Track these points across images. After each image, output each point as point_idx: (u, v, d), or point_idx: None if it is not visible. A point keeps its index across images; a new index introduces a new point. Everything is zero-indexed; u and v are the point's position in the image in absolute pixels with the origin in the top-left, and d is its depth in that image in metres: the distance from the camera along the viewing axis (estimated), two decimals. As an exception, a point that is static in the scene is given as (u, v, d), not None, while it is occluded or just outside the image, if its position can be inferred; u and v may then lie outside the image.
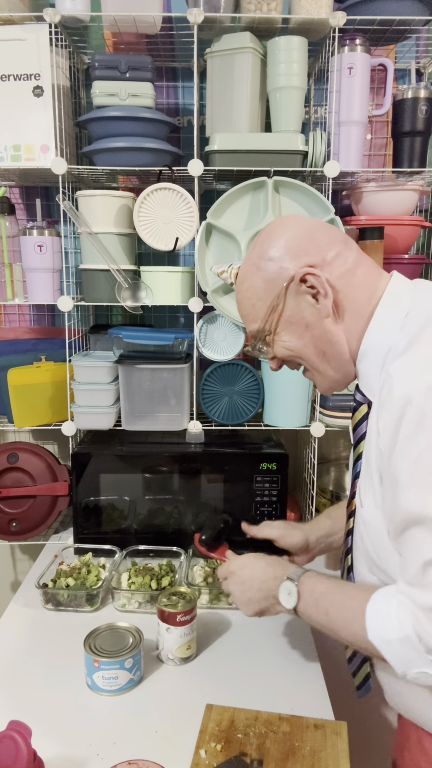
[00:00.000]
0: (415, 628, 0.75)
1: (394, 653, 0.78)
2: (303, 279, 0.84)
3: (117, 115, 1.38)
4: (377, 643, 0.79)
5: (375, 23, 1.39)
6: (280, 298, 0.86)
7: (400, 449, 0.74)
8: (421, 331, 0.78)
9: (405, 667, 0.78)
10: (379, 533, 0.83)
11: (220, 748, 0.89)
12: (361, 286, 0.85)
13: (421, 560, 0.74)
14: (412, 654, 0.76)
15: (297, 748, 0.90)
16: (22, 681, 1.07)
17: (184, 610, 1.10)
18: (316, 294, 0.84)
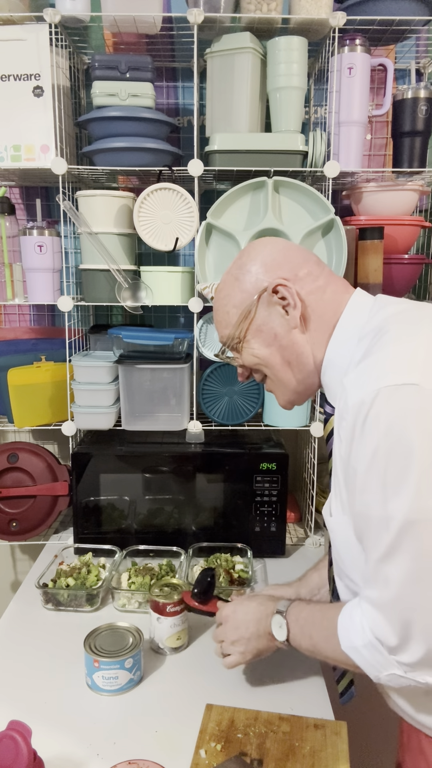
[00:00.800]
0: (373, 630, 0.78)
1: (363, 659, 0.81)
2: (275, 290, 0.89)
3: (117, 115, 1.39)
4: (349, 652, 0.82)
5: (375, 23, 1.39)
6: (253, 305, 0.91)
7: (354, 454, 0.77)
8: (373, 341, 0.82)
9: (376, 671, 0.80)
10: (345, 541, 0.85)
11: (220, 747, 0.90)
12: (329, 302, 0.90)
13: (374, 558, 0.76)
14: (378, 658, 0.79)
15: (297, 748, 0.90)
16: (22, 681, 1.07)
17: (175, 601, 1.11)
18: (286, 305, 0.89)
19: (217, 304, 0.96)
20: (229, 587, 1.27)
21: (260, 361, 0.93)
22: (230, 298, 0.93)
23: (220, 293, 0.95)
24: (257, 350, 0.93)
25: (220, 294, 0.95)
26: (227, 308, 0.94)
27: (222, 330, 0.96)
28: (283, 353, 0.91)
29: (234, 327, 0.93)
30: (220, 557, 1.38)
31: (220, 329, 0.96)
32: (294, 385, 0.93)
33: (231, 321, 0.93)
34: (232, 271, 0.94)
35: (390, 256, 1.47)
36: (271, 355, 0.92)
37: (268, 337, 0.91)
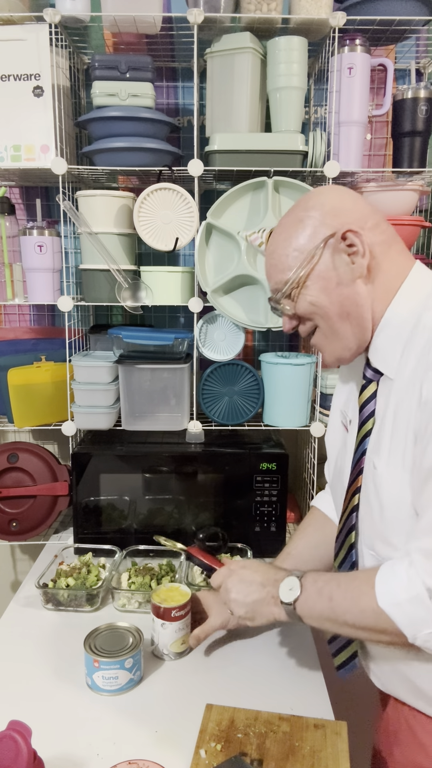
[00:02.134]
0: (425, 582, 0.76)
1: (404, 616, 0.78)
2: (344, 236, 0.86)
3: (117, 115, 1.38)
4: (387, 608, 0.79)
5: (375, 23, 1.39)
6: (318, 250, 0.87)
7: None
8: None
9: (414, 629, 0.78)
10: (397, 498, 0.85)
11: (220, 747, 0.89)
12: (395, 260, 0.89)
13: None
14: (422, 613, 0.77)
15: (297, 748, 0.90)
16: (22, 681, 1.06)
17: (179, 606, 1.10)
18: (353, 253, 0.86)
19: (275, 247, 0.91)
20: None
21: (317, 310, 0.89)
22: (292, 241, 0.89)
23: (279, 236, 0.91)
24: (316, 298, 0.88)
25: (280, 236, 0.91)
26: (287, 251, 0.89)
27: (278, 275, 0.91)
28: (342, 303, 0.87)
29: (293, 271, 0.88)
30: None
31: (276, 274, 0.91)
32: (348, 339, 0.90)
33: (290, 265, 0.89)
34: (296, 213, 0.90)
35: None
36: (331, 305, 0.88)
37: (330, 285, 0.87)
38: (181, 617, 1.10)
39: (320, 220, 0.88)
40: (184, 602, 1.11)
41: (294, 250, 0.89)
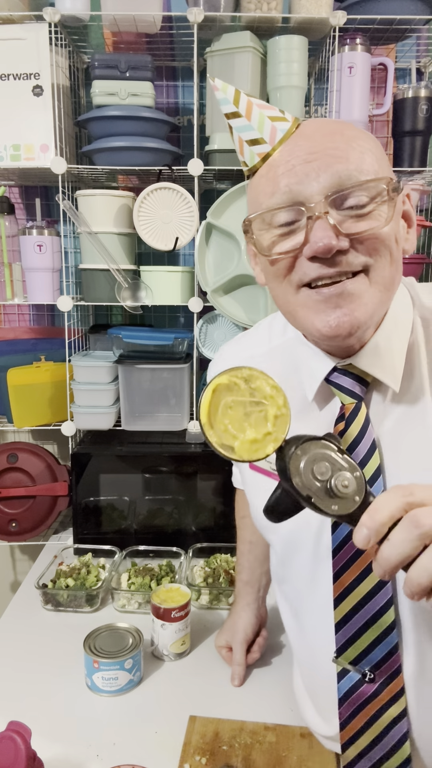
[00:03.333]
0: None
1: None
2: (407, 195, 0.72)
3: (117, 115, 1.38)
4: None
5: (375, 22, 1.39)
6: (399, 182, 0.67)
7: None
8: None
9: None
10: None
11: (205, 761, 0.87)
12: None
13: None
14: None
15: (284, 758, 0.88)
16: (22, 681, 1.06)
17: (179, 606, 1.10)
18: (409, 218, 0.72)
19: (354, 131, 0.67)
20: (229, 587, 1.27)
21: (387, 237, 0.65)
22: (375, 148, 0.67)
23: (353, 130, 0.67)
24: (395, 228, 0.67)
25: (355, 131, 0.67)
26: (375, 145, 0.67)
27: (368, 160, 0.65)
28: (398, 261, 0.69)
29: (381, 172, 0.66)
30: (220, 557, 1.37)
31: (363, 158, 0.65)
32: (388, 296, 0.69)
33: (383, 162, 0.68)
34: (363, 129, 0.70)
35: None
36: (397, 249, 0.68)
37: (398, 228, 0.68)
38: (180, 618, 1.10)
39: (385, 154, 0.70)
40: (184, 603, 1.10)
41: (381, 152, 0.67)
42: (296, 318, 0.70)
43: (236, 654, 1.07)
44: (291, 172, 0.65)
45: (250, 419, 0.56)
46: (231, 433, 0.56)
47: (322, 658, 0.79)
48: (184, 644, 1.12)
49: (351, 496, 0.53)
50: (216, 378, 0.57)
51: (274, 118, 0.68)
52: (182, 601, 1.11)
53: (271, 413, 0.56)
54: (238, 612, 1.11)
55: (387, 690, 0.73)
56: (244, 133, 0.69)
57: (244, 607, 1.11)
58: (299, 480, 0.53)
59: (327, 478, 0.53)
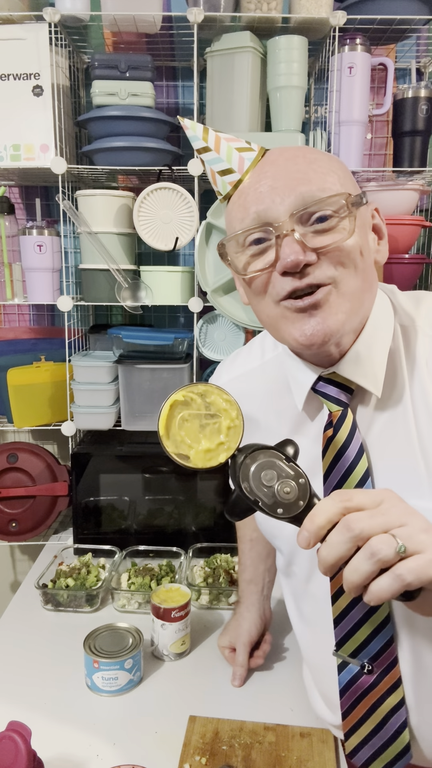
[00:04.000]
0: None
1: None
2: (376, 209, 0.76)
3: (117, 115, 1.38)
4: None
5: (375, 22, 1.39)
6: (363, 198, 0.70)
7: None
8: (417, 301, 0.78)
9: None
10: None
11: (204, 761, 0.87)
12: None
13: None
14: None
15: (283, 759, 0.88)
16: (22, 681, 1.06)
17: (179, 606, 1.10)
18: (380, 235, 0.76)
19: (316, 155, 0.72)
20: (229, 587, 1.27)
21: (351, 250, 0.68)
22: (336, 168, 0.71)
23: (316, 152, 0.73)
24: (361, 239, 0.70)
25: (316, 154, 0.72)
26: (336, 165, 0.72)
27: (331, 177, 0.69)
28: (366, 271, 0.72)
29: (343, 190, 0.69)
30: (220, 557, 1.37)
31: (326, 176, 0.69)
32: (360, 311, 0.72)
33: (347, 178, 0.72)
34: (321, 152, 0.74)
35: (390, 256, 1.46)
36: (364, 260, 0.71)
37: (364, 240, 0.72)
38: (180, 618, 1.10)
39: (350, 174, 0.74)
40: (184, 603, 1.10)
41: (344, 171, 0.72)
42: (278, 330, 0.74)
43: (239, 656, 1.07)
44: (259, 198, 0.70)
45: (204, 431, 0.62)
46: (187, 443, 0.62)
47: (325, 651, 0.81)
48: (184, 644, 1.12)
49: (294, 500, 0.59)
50: (173, 394, 0.64)
51: (241, 149, 0.75)
52: (182, 601, 1.11)
53: (225, 425, 0.62)
54: (242, 613, 1.11)
55: (385, 681, 0.76)
56: (215, 165, 0.76)
57: (248, 608, 1.11)
58: (248, 485, 0.59)
59: (273, 484, 0.59)
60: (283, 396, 0.83)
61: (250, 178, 0.72)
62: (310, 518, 0.56)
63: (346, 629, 0.78)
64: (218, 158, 0.76)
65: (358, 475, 0.74)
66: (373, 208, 0.75)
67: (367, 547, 0.53)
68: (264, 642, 1.11)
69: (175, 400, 0.62)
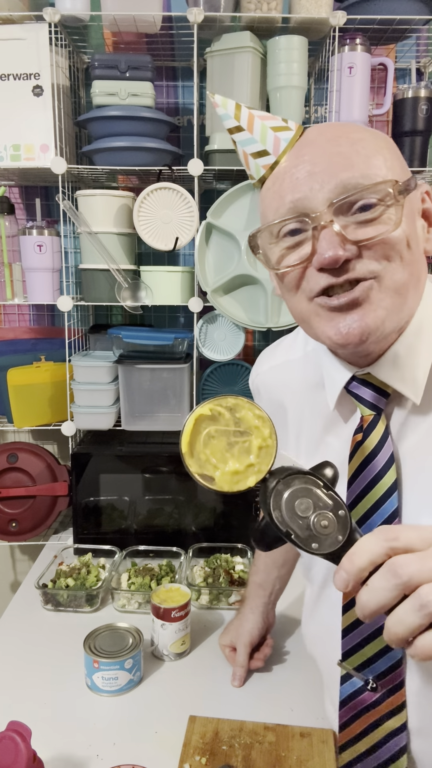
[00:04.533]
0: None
1: None
2: (427, 192, 0.68)
3: (117, 115, 1.38)
4: None
5: (375, 23, 1.39)
6: (412, 182, 0.64)
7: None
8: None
9: None
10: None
11: (204, 761, 0.87)
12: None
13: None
14: None
15: (283, 758, 0.88)
16: (22, 681, 1.06)
17: (179, 606, 1.10)
18: (428, 218, 0.69)
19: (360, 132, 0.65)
20: (229, 587, 1.27)
21: (399, 240, 0.62)
22: (383, 148, 0.65)
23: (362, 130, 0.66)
24: (408, 230, 0.64)
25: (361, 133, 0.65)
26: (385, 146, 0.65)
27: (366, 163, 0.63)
28: (415, 262, 0.65)
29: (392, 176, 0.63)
30: (220, 557, 1.37)
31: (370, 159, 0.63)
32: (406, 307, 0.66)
33: (393, 161, 0.65)
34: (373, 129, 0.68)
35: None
36: (412, 252, 0.64)
37: (413, 230, 0.65)
38: (181, 618, 1.10)
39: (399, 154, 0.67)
40: (184, 603, 1.10)
41: (390, 152, 0.65)
42: (311, 327, 0.69)
43: (239, 656, 1.07)
44: (295, 185, 0.64)
45: (233, 450, 0.55)
46: (212, 464, 0.55)
47: (332, 659, 0.79)
48: (184, 644, 1.12)
49: (333, 535, 0.52)
50: (198, 407, 0.57)
51: (276, 128, 0.68)
52: (182, 601, 1.11)
53: (255, 444, 0.55)
54: (246, 614, 1.11)
55: (388, 701, 0.72)
56: (248, 146, 0.69)
57: (253, 609, 1.11)
58: (279, 515, 0.52)
59: (308, 515, 0.52)
60: (319, 391, 0.78)
61: (287, 161, 0.66)
62: (349, 557, 0.49)
63: (354, 641, 0.74)
64: (251, 138, 0.69)
65: (385, 486, 0.69)
66: (423, 191, 0.68)
67: (416, 597, 0.46)
68: (265, 645, 1.10)
69: (201, 414, 0.56)
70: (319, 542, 0.52)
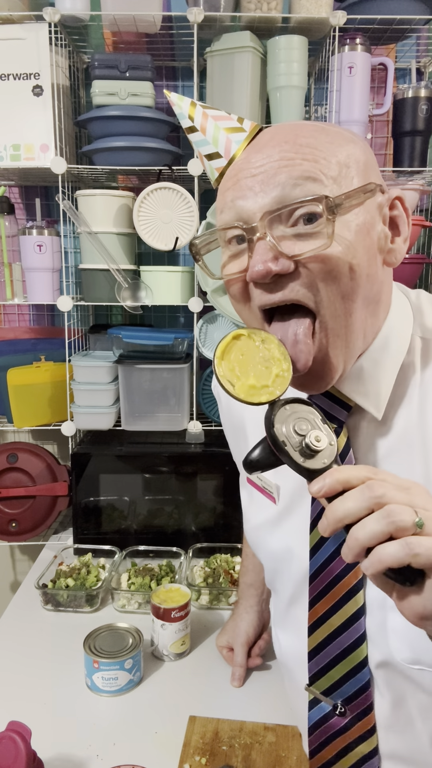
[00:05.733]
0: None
1: None
2: (395, 202, 0.64)
3: (117, 115, 1.38)
4: None
5: (375, 22, 1.39)
6: (373, 189, 0.60)
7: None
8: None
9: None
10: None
11: (204, 761, 0.88)
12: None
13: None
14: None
15: (283, 759, 0.88)
16: (22, 681, 1.06)
17: (179, 606, 1.10)
18: (396, 232, 0.64)
19: (310, 130, 0.61)
20: (229, 587, 1.27)
21: (347, 261, 0.58)
22: (342, 143, 0.61)
23: (314, 126, 0.62)
24: (354, 244, 0.59)
25: (316, 127, 0.62)
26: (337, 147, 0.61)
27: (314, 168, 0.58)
28: (370, 278, 0.61)
29: (335, 185, 0.59)
30: (220, 557, 1.37)
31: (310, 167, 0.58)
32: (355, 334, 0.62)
33: (343, 162, 0.60)
34: (339, 129, 0.64)
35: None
36: (364, 268, 0.60)
37: (368, 243, 0.60)
38: (180, 618, 1.10)
39: (370, 162, 0.63)
40: (184, 603, 1.10)
41: (347, 155, 0.61)
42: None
43: (237, 655, 1.07)
44: (236, 187, 0.61)
45: (255, 369, 0.60)
46: (236, 374, 0.60)
47: (298, 681, 0.77)
48: (184, 644, 1.12)
49: (320, 457, 0.56)
50: (240, 329, 0.61)
51: (230, 130, 0.65)
52: (182, 601, 1.11)
53: (274, 372, 0.60)
54: (241, 614, 1.11)
55: (358, 726, 0.71)
56: (202, 147, 0.66)
57: (247, 609, 1.11)
58: (280, 427, 0.57)
59: (304, 434, 0.56)
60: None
61: (233, 165, 0.63)
62: (332, 471, 0.51)
63: (320, 664, 0.72)
64: (204, 140, 0.65)
65: None
66: (393, 198, 0.64)
67: (384, 510, 0.48)
68: (261, 640, 1.11)
69: (240, 333, 0.61)
70: (307, 460, 0.56)
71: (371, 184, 0.60)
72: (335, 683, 0.71)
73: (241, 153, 0.63)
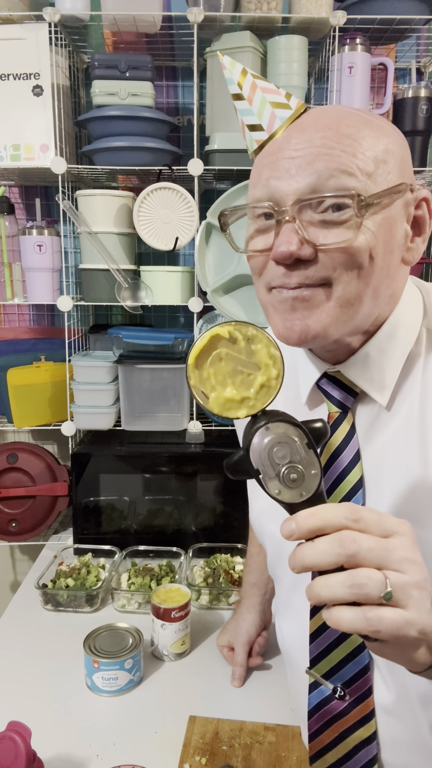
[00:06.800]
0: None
1: None
2: (423, 201, 0.65)
3: (117, 115, 1.38)
4: None
5: (375, 22, 1.39)
6: (405, 189, 0.61)
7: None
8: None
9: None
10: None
11: (204, 761, 0.88)
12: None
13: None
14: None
15: (283, 759, 0.88)
16: (22, 681, 1.06)
17: (179, 606, 1.10)
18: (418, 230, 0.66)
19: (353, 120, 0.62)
20: (229, 587, 1.27)
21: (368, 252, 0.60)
22: (381, 145, 0.61)
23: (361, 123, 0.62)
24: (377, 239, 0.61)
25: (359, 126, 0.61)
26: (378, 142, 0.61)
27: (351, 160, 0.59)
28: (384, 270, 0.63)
29: (367, 179, 0.60)
30: (220, 557, 1.37)
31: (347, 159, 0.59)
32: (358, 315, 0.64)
33: (380, 159, 0.61)
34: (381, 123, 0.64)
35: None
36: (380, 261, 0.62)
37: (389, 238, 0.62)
38: (181, 618, 1.10)
39: (405, 154, 0.64)
40: (184, 603, 1.10)
41: (386, 151, 0.61)
42: (268, 317, 0.68)
43: (238, 655, 1.07)
44: (273, 166, 0.62)
45: (235, 378, 0.54)
46: (211, 384, 0.54)
47: (299, 667, 0.78)
48: (184, 644, 1.12)
49: (297, 490, 0.51)
50: (218, 326, 0.54)
51: (276, 104, 0.65)
52: (182, 601, 1.11)
53: (259, 381, 0.54)
54: (242, 613, 1.11)
55: (357, 710, 0.71)
56: (246, 117, 0.66)
57: (248, 609, 1.11)
58: (255, 454, 0.52)
59: (281, 464, 0.52)
60: (291, 381, 0.75)
61: (274, 143, 0.64)
62: (305, 515, 0.49)
63: (321, 647, 0.73)
64: (249, 110, 0.65)
65: (350, 484, 0.69)
66: (420, 198, 0.65)
67: (352, 574, 0.46)
68: (260, 636, 1.10)
69: (218, 333, 0.53)
70: (282, 490, 0.52)
71: (403, 184, 0.61)
72: (335, 666, 0.72)
73: (282, 131, 0.64)
